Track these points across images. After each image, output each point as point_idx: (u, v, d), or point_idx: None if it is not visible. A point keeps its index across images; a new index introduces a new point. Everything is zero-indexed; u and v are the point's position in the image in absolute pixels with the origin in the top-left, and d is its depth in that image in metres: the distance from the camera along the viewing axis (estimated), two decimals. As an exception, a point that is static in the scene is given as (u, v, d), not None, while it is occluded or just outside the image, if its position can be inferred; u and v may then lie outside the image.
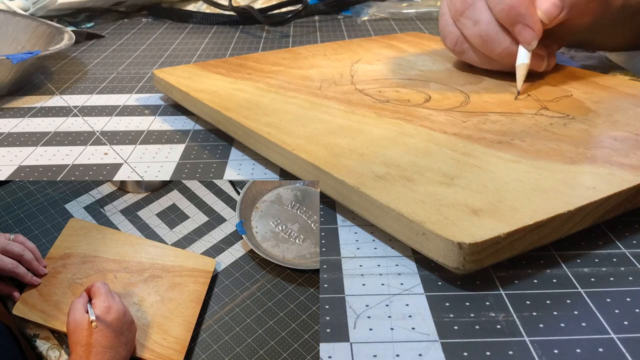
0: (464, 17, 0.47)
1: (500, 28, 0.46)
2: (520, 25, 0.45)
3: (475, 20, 0.47)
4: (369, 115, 0.43)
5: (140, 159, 0.43)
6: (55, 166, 0.42)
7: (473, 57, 0.50)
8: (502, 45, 0.47)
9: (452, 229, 0.28)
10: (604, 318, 0.27)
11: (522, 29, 0.45)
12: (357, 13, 0.94)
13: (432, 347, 0.25)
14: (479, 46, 0.48)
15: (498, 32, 0.46)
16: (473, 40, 0.48)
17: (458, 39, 0.49)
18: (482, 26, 0.46)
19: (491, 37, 0.46)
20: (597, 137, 0.39)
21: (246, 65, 0.55)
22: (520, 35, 0.45)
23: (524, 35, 0.45)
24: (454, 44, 0.50)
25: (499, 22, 0.46)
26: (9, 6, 0.77)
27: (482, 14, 0.46)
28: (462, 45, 0.50)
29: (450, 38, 0.50)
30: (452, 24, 0.49)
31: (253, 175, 0.41)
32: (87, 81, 0.62)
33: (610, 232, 0.33)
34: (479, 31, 0.47)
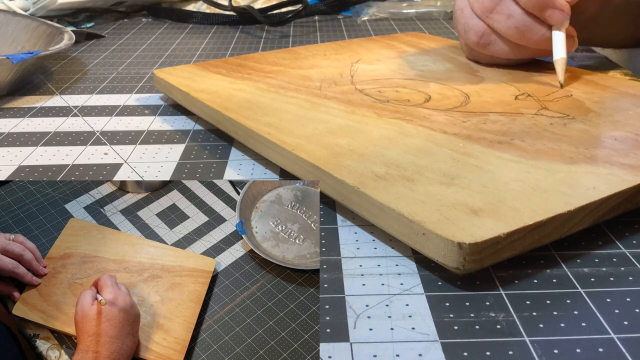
0: (495, 13, 0.50)
1: (533, 18, 0.49)
2: (550, 9, 0.48)
3: (508, 14, 0.49)
4: (369, 115, 0.43)
5: (140, 159, 0.43)
6: (55, 166, 0.42)
7: (501, 49, 0.52)
8: (539, 32, 0.49)
9: (452, 229, 0.28)
10: (604, 318, 0.27)
11: (552, 12, 0.48)
12: (357, 13, 0.94)
13: (432, 347, 0.25)
14: (515, 38, 0.50)
15: (532, 21, 0.49)
16: (509, 33, 0.50)
17: (485, 32, 0.51)
18: (517, 18, 0.49)
19: (527, 27, 0.49)
20: (597, 137, 0.39)
21: (246, 65, 0.55)
22: (552, 18, 0.48)
23: (555, 17, 0.48)
24: (479, 37, 0.52)
25: (529, 12, 0.49)
26: (9, 6, 0.77)
27: (513, 8, 0.49)
28: (489, 37, 0.51)
29: (474, 31, 0.52)
30: (475, 17, 0.51)
31: (253, 175, 0.41)
32: (87, 81, 0.62)
33: (610, 232, 0.33)
34: (515, 23, 0.49)
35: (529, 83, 0.50)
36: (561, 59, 0.49)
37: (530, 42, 0.50)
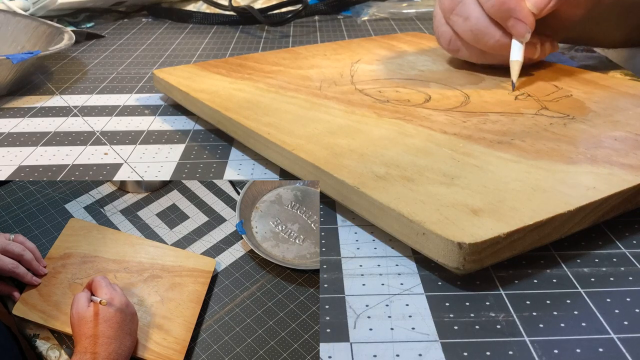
0: (454, 15, 0.48)
1: (491, 21, 0.47)
2: (513, 19, 0.46)
3: (465, 17, 0.48)
4: (369, 115, 0.43)
5: (140, 159, 0.43)
6: (55, 166, 0.42)
7: (467, 54, 0.51)
8: (494, 37, 0.48)
9: (452, 229, 0.28)
10: (604, 318, 0.27)
11: (515, 22, 0.46)
12: (357, 13, 0.94)
13: (432, 347, 0.25)
14: (471, 41, 0.49)
15: (488, 25, 0.47)
16: (465, 36, 0.49)
17: (451, 38, 0.50)
18: (473, 21, 0.47)
19: (482, 31, 0.47)
20: (597, 137, 0.39)
21: (246, 65, 0.55)
22: (514, 29, 0.46)
23: (517, 28, 0.46)
24: (447, 43, 0.51)
25: (490, 17, 0.47)
26: (9, 6, 0.77)
27: (472, 10, 0.47)
28: (456, 43, 0.50)
29: (443, 37, 0.51)
30: (444, 23, 0.50)
31: (253, 175, 0.41)
32: (87, 81, 0.62)
33: (610, 232, 0.33)
34: (470, 26, 0.48)
35: (529, 83, 0.50)
36: (516, 60, 0.48)
37: (486, 47, 0.49)
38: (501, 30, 0.47)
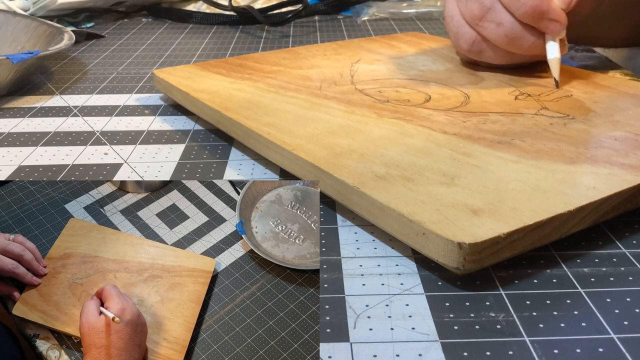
0: (484, 21, 0.49)
1: (524, 26, 0.48)
2: (546, 20, 0.47)
3: (498, 23, 0.48)
4: (369, 115, 0.43)
5: (140, 159, 0.43)
6: (55, 166, 0.42)
7: (492, 56, 0.51)
8: (529, 41, 0.48)
9: (452, 229, 0.28)
10: (604, 318, 0.27)
11: (549, 23, 0.47)
12: (357, 13, 0.94)
13: (432, 347, 0.25)
14: (505, 45, 0.49)
15: (522, 29, 0.48)
16: (498, 41, 0.49)
17: (475, 40, 0.51)
18: (507, 26, 0.48)
19: (517, 35, 0.48)
20: (597, 137, 0.39)
21: (246, 65, 0.55)
22: (549, 29, 0.47)
23: (552, 28, 0.47)
24: (470, 45, 0.51)
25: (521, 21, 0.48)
26: (9, 6, 0.77)
27: (504, 16, 0.48)
28: (480, 45, 0.51)
29: (465, 39, 0.51)
30: (465, 25, 0.51)
31: (253, 175, 0.41)
32: (87, 81, 0.62)
33: (610, 232, 0.33)
34: (505, 31, 0.48)
35: (529, 83, 0.50)
36: (555, 58, 0.49)
37: (521, 50, 0.49)
38: (536, 32, 0.48)
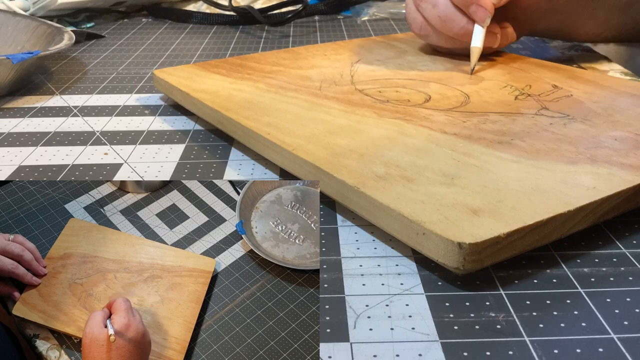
0: (423, 2, 0.53)
1: (456, 9, 0.52)
2: (474, 5, 0.51)
3: (433, 4, 0.53)
4: (369, 115, 0.43)
5: (140, 159, 0.43)
6: (55, 166, 0.42)
7: (436, 40, 0.56)
8: (459, 24, 0.52)
9: (452, 229, 0.28)
10: (604, 318, 0.27)
11: (476, 9, 0.51)
12: (357, 13, 0.94)
13: (432, 347, 0.25)
14: (439, 27, 0.54)
15: (455, 12, 0.52)
16: (433, 22, 0.54)
17: (422, 24, 0.55)
18: (440, 8, 0.52)
19: (449, 17, 0.52)
20: (597, 137, 0.39)
21: (246, 66, 0.55)
22: (475, 15, 0.51)
23: (478, 14, 0.51)
24: (419, 29, 0.56)
25: (455, 4, 0.52)
26: (9, 6, 0.77)
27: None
28: (426, 29, 0.55)
29: (415, 24, 0.56)
30: (415, 10, 0.55)
31: (253, 175, 0.41)
32: (87, 81, 0.62)
33: (610, 232, 0.33)
34: (438, 13, 0.53)
35: (529, 83, 0.50)
36: (476, 47, 0.52)
37: (452, 33, 0.53)
38: (466, 17, 0.52)
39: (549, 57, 0.64)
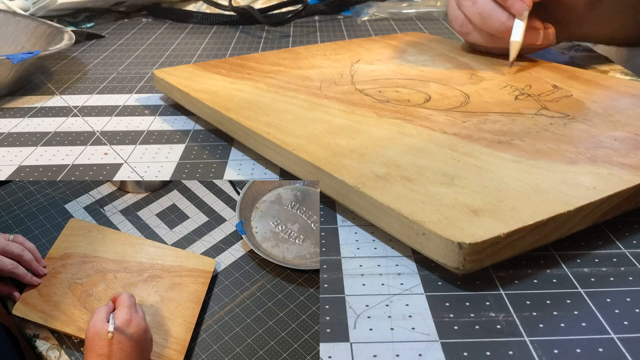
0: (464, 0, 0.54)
1: (496, 4, 0.52)
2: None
3: (473, 1, 0.53)
4: (369, 115, 0.43)
5: (140, 159, 0.43)
6: (55, 166, 0.42)
7: (477, 37, 0.56)
8: (499, 20, 0.52)
9: (452, 229, 0.28)
10: (604, 318, 0.27)
11: (514, 1, 0.50)
12: (357, 13, 0.94)
13: (432, 347, 0.25)
14: (480, 24, 0.53)
15: (494, 8, 0.52)
16: (474, 19, 0.54)
17: (463, 21, 0.55)
18: (480, 4, 0.52)
19: (489, 13, 0.52)
20: (597, 137, 0.39)
21: (246, 65, 0.55)
22: (513, 7, 0.51)
23: (516, 7, 0.51)
24: (460, 27, 0.56)
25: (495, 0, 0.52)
26: (9, 6, 0.77)
27: None
28: (467, 26, 0.55)
29: (456, 21, 0.56)
30: (456, 8, 0.55)
31: (253, 175, 0.41)
32: (87, 81, 0.62)
33: (610, 232, 0.33)
34: (478, 10, 0.53)
35: (529, 83, 0.50)
36: (515, 41, 0.52)
37: (492, 30, 0.53)
38: (506, 13, 0.52)
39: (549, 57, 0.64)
